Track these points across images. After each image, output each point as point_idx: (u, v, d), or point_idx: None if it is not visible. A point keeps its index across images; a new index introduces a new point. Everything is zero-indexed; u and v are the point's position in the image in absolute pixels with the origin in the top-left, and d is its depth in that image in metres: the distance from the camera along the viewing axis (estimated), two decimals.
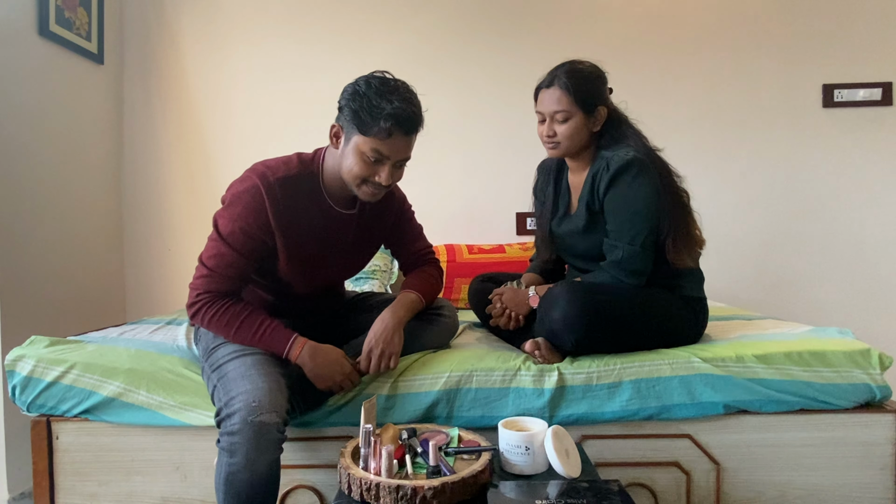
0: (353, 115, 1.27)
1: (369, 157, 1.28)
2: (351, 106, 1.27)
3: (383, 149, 1.27)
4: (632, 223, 1.43)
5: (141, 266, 2.66)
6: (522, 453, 1.10)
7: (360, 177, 1.30)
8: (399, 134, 1.27)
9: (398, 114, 1.24)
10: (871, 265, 2.54)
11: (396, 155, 1.29)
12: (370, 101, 1.25)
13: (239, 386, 1.17)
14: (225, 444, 1.13)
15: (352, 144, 1.29)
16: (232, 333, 1.29)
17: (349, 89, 1.30)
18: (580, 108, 1.48)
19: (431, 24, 2.63)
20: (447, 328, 1.56)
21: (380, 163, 1.29)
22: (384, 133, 1.25)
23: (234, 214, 1.30)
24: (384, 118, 1.24)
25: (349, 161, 1.30)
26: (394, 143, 1.27)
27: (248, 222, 1.30)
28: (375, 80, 1.28)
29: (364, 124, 1.25)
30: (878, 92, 2.51)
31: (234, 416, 1.12)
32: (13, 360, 1.39)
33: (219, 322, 1.30)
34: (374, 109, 1.24)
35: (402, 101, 1.25)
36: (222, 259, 1.31)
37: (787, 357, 1.37)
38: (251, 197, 1.30)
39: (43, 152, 2.12)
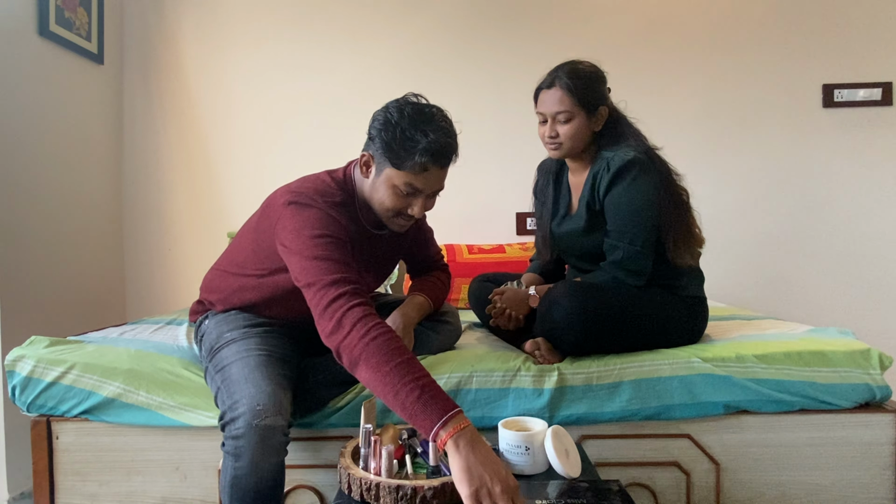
0: (385, 147, 1.20)
1: (402, 190, 1.23)
2: (383, 137, 1.20)
3: (417, 183, 1.22)
4: (632, 223, 1.43)
5: (141, 266, 2.66)
6: (522, 453, 1.10)
7: (393, 210, 1.26)
8: (434, 168, 1.22)
9: (434, 148, 1.18)
10: (871, 265, 2.54)
11: (430, 188, 1.25)
12: (404, 133, 1.18)
13: (243, 389, 1.16)
14: (230, 447, 1.12)
15: (384, 177, 1.24)
16: (391, 367, 1.02)
17: (381, 117, 1.23)
18: (582, 108, 1.48)
19: (431, 24, 2.63)
20: (451, 334, 1.57)
21: (413, 195, 1.25)
22: (419, 168, 1.19)
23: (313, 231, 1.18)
24: (419, 153, 1.18)
25: (381, 193, 1.26)
26: (428, 177, 1.22)
27: (333, 228, 1.20)
28: (409, 107, 1.22)
29: (398, 157, 1.20)
30: (878, 92, 2.51)
31: (239, 420, 1.11)
32: (13, 361, 1.38)
33: (387, 345, 1.04)
34: (408, 143, 1.18)
35: (438, 133, 1.19)
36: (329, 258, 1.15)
37: (787, 357, 1.37)
38: (320, 215, 1.22)
39: (43, 152, 2.12)
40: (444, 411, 0.98)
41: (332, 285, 1.12)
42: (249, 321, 1.37)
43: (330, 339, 1.10)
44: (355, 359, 1.06)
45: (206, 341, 1.37)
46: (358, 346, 1.05)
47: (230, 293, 1.42)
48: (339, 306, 1.09)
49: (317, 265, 1.15)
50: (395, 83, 2.62)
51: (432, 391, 1.00)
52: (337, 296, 1.10)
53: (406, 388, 1.00)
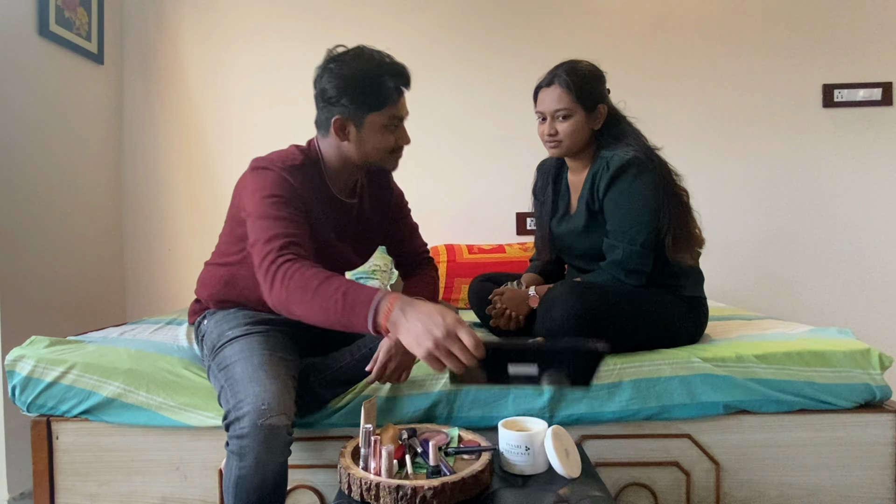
0: (358, 97, 1.27)
1: (390, 126, 1.31)
2: (351, 92, 1.27)
3: (398, 112, 1.32)
4: (631, 223, 1.43)
5: (141, 266, 2.66)
6: (522, 453, 1.10)
7: (389, 148, 1.34)
8: (404, 90, 1.32)
9: (396, 71, 1.29)
10: (871, 265, 2.54)
11: (406, 112, 1.35)
12: (367, 75, 1.26)
13: (247, 388, 1.15)
14: (234, 447, 1.12)
15: (367, 125, 1.30)
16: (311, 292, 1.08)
17: (332, 82, 1.28)
18: (581, 105, 1.48)
19: (431, 23, 2.63)
20: None
21: (398, 127, 1.34)
22: (396, 94, 1.29)
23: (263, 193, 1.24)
24: (389, 80, 1.27)
25: (371, 142, 1.32)
26: (402, 102, 1.33)
27: (283, 189, 1.26)
28: (347, 58, 1.29)
29: (375, 99, 1.27)
30: (878, 92, 2.51)
31: (244, 420, 1.11)
32: (13, 361, 1.38)
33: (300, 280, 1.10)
34: (375, 82, 1.27)
35: (390, 63, 1.29)
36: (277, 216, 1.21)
37: (787, 357, 1.37)
38: (274, 176, 1.28)
39: (43, 152, 2.12)
40: (366, 304, 1.03)
41: (266, 243, 1.17)
42: (249, 319, 1.37)
43: (267, 297, 1.15)
44: (287, 305, 1.12)
45: (208, 340, 1.37)
46: (282, 293, 1.11)
47: (220, 286, 1.43)
48: (268, 262, 1.15)
49: (261, 224, 1.21)
50: None
51: (352, 295, 1.05)
52: (268, 252, 1.16)
53: (331, 304, 1.06)
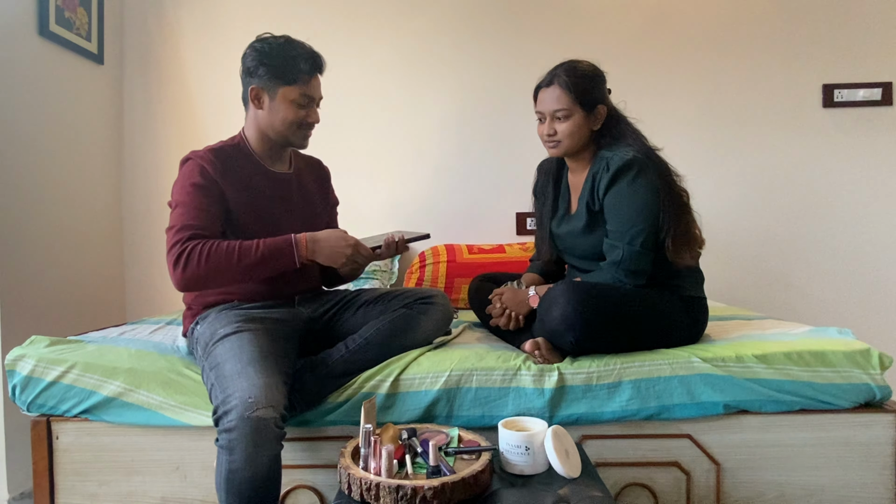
0: (272, 71, 1.43)
1: (300, 101, 1.45)
2: (266, 64, 1.42)
3: (309, 90, 1.46)
4: (632, 223, 1.43)
5: (141, 266, 2.66)
6: (522, 453, 1.10)
7: (295, 122, 1.47)
8: (316, 73, 1.47)
9: (311, 56, 1.45)
10: (871, 265, 2.54)
11: (318, 93, 1.50)
12: (282, 52, 1.43)
13: (235, 383, 1.17)
14: (223, 441, 1.12)
15: (279, 97, 1.45)
16: (235, 260, 1.31)
17: (253, 55, 1.44)
18: (580, 106, 1.49)
19: (431, 23, 2.63)
20: (441, 316, 1.53)
21: (308, 105, 1.47)
22: (307, 75, 1.44)
23: (183, 182, 1.40)
24: (303, 61, 1.43)
25: (281, 113, 1.46)
26: (314, 84, 1.48)
27: (196, 178, 1.39)
28: (269, 39, 1.45)
29: (287, 74, 1.43)
30: (878, 92, 2.50)
31: (231, 413, 1.12)
32: (13, 360, 1.39)
33: (217, 256, 1.30)
34: (289, 61, 1.42)
35: (304, 47, 1.45)
36: (189, 207, 1.36)
37: (787, 357, 1.37)
38: (190, 165, 1.42)
39: (43, 152, 2.12)
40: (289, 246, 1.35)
41: (179, 231, 1.32)
42: (241, 317, 1.38)
43: (173, 277, 1.31)
44: (203, 277, 1.30)
45: (201, 341, 1.38)
46: (200, 269, 1.29)
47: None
48: (176, 248, 1.30)
49: (177, 212, 1.36)
50: (395, 83, 2.62)
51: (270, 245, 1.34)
52: (177, 241, 1.31)
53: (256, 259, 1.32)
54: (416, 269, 2.40)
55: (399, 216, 2.64)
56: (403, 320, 1.46)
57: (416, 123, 2.64)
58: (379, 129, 2.63)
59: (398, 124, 2.63)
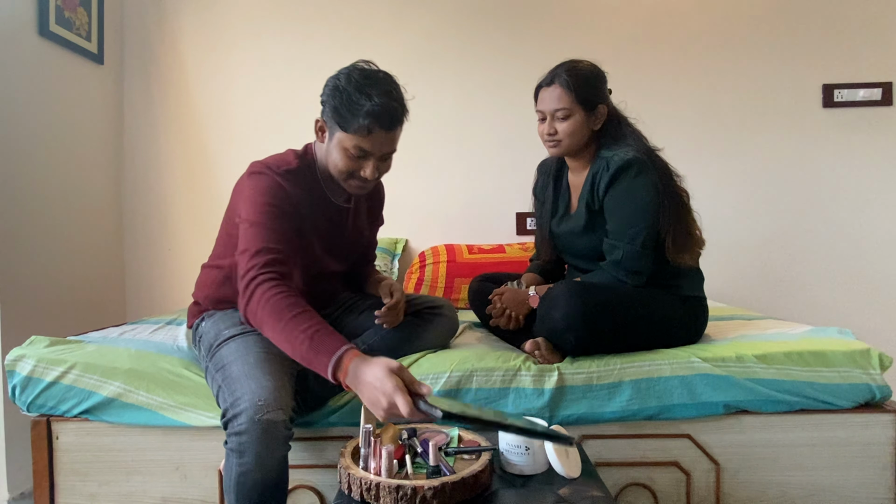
0: (333, 111, 1.28)
1: (352, 153, 1.29)
2: (331, 102, 1.28)
3: (365, 145, 1.28)
4: (632, 223, 1.43)
5: (141, 266, 2.66)
6: (522, 453, 1.10)
7: (346, 172, 1.32)
8: (380, 130, 1.26)
9: (377, 111, 1.24)
10: (871, 265, 2.54)
11: (379, 150, 1.30)
12: (349, 97, 1.25)
13: (244, 385, 1.16)
14: (233, 444, 1.12)
15: (335, 140, 1.31)
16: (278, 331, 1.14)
17: (330, 83, 1.30)
18: (581, 105, 1.49)
19: (432, 23, 2.63)
20: (447, 327, 1.56)
21: (364, 158, 1.30)
22: (364, 130, 1.25)
23: (256, 199, 1.27)
24: (363, 115, 1.24)
25: (334, 156, 1.32)
26: (375, 140, 1.28)
27: (277, 198, 1.29)
28: (356, 72, 1.28)
29: (344, 121, 1.26)
30: (878, 92, 2.50)
31: (241, 416, 1.11)
32: (13, 360, 1.39)
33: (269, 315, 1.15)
34: (353, 106, 1.24)
35: (382, 96, 1.24)
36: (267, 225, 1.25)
37: (787, 357, 1.37)
38: (268, 182, 1.31)
39: (43, 152, 2.12)
40: (331, 353, 1.08)
41: (253, 256, 1.21)
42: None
43: (240, 307, 1.20)
44: (259, 322, 1.17)
45: (205, 341, 1.37)
46: (258, 311, 1.16)
47: (215, 288, 1.45)
48: (251, 275, 1.19)
49: (250, 232, 1.24)
50: None
51: (320, 338, 1.11)
52: (253, 265, 1.20)
53: (298, 341, 1.11)
54: (416, 269, 2.40)
55: (399, 216, 2.64)
56: (409, 329, 1.46)
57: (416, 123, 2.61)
58: None
59: None
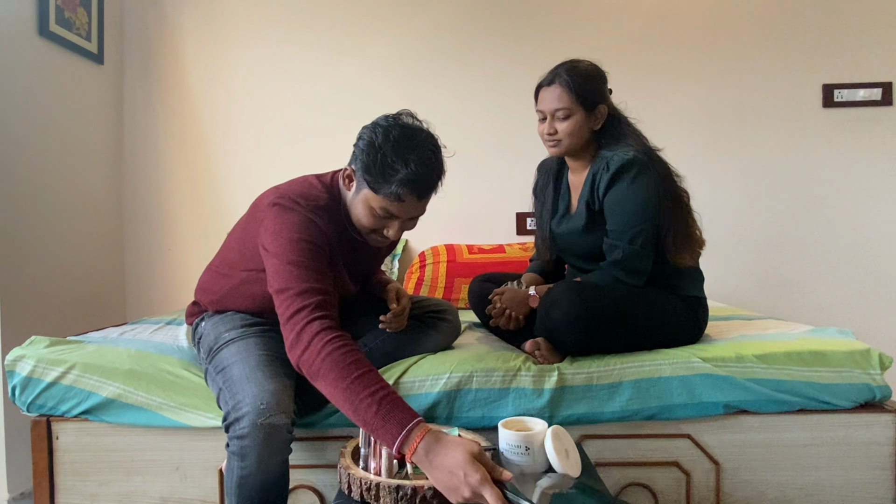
0: (365, 168, 1.19)
1: (378, 213, 1.22)
2: (364, 159, 1.19)
3: (393, 209, 1.21)
4: (631, 223, 1.43)
5: (141, 266, 2.66)
6: (522, 453, 1.10)
7: (369, 228, 1.27)
8: (412, 199, 1.19)
9: (412, 179, 1.16)
10: (871, 265, 2.54)
11: (407, 215, 1.24)
12: (385, 158, 1.16)
13: (245, 388, 1.16)
14: (235, 448, 1.12)
15: (362, 195, 1.23)
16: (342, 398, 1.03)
17: (366, 137, 1.21)
18: (581, 105, 1.48)
19: (431, 24, 2.63)
20: (450, 331, 1.56)
21: (389, 219, 1.24)
22: (394, 197, 1.18)
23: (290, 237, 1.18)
24: (397, 183, 1.16)
25: (358, 210, 1.25)
26: (405, 206, 1.21)
27: (312, 234, 1.20)
28: (396, 130, 1.19)
29: (375, 182, 1.18)
30: (878, 92, 2.50)
31: (243, 420, 1.11)
32: (13, 361, 1.38)
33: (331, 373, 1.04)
34: (387, 169, 1.16)
35: (420, 165, 1.16)
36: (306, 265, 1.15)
37: (787, 357, 1.37)
38: (301, 219, 1.22)
39: (43, 152, 2.12)
40: (401, 426, 0.98)
41: (298, 295, 1.12)
42: (246, 321, 1.37)
43: (291, 352, 1.10)
44: (314, 374, 1.07)
45: (205, 342, 1.37)
46: (316, 362, 1.06)
47: (222, 295, 1.43)
48: (302, 318, 1.09)
49: (289, 270, 1.15)
50: (395, 83, 2.62)
51: (388, 405, 1.00)
52: (301, 307, 1.10)
53: (364, 405, 1.00)
54: (416, 268, 2.40)
55: None
56: (412, 332, 1.45)
57: None
58: None
59: None
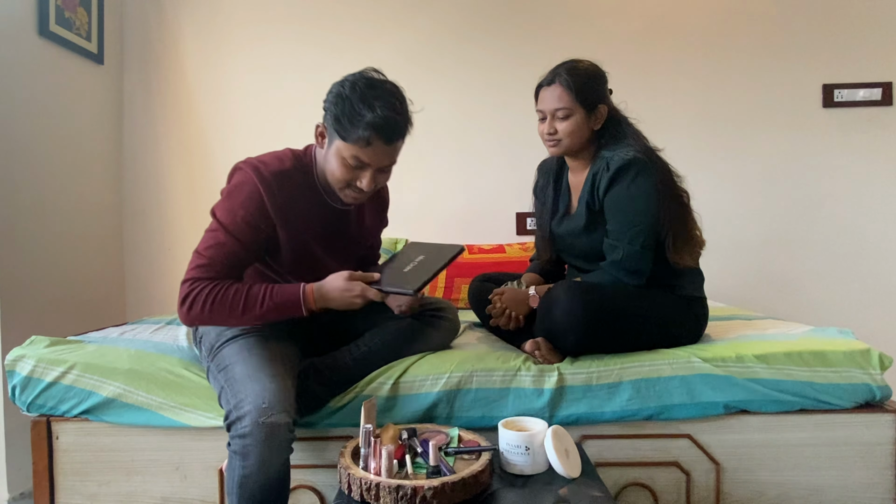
0: (334, 119, 1.25)
1: (350, 163, 1.27)
2: (333, 110, 1.25)
3: (363, 156, 1.25)
4: (632, 223, 1.43)
5: (141, 266, 2.66)
6: (522, 453, 1.10)
7: (342, 181, 1.30)
8: (380, 143, 1.24)
9: (379, 123, 1.21)
10: (871, 265, 2.54)
11: (378, 162, 1.28)
12: (352, 106, 1.22)
13: (247, 387, 1.16)
14: (237, 447, 1.12)
15: (334, 148, 1.28)
16: (240, 311, 1.22)
17: (334, 90, 1.28)
18: (581, 105, 1.48)
19: (432, 24, 2.63)
20: (449, 330, 1.56)
21: (361, 169, 1.28)
22: (363, 142, 1.23)
23: (233, 205, 1.27)
24: (364, 126, 1.21)
25: (331, 164, 1.30)
26: (374, 152, 1.25)
27: (250, 211, 1.27)
28: (362, 81, 1.26)
29: (344, 130, 1.24)
30: (878, 92, 2.51)
31: (245, 419, 1.11)
32: (13, 360, 1.39)
33: (221, 304, 1.22)
34: (354, 116, 1.22)
35: (385, 109, 1.22)
36: (222, 248, 1.26)
37: (787, 357, 1.37)
38: (250, 189, 1.28)
39: (43, 152, 2.12)
40: (296, 300, 1.25)
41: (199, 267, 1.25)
42: None
43: (179, 313, 1.24)
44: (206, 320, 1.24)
45: (206, 341, 1.37)
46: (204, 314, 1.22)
47: None
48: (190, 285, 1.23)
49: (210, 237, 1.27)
50: None
51: (278, 297, 1.25)
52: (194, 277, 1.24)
53: (264, 311, 1.24)
54: None
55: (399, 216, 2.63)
56: (411, 331, 1.46)
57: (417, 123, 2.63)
58: None
59: None
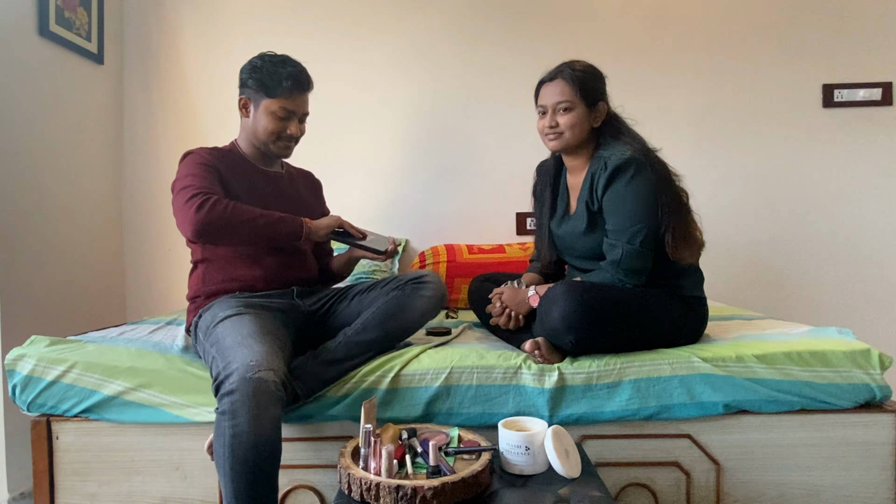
0: (258, 84, 1.55)
1: (279, 114, 1.55)
2: (254, 77, 1.55)
3: (290, 105, 1.56)
4: (630, 223, 1.43)
5: (141, 266, 2.66)
6: (522, 453, 1.10)
7: (275, 132, 1.57)
8: (298, 91, 1.56)
9: (295, 74, 1.55)
10: (871, 265, 2.54)
11: (300, 109, 1.59)
12: (270, 69, 1.54)
13: (236, 352, 1.20)
14: (225, 405, 1.10)
15: (262, 108, 1.56)
16: (256, 215, 1.42)
17: (247, 67, 1.58)
18: (582, 99, 1.50)
19: (432, 24, 2.63)
20: (435, 295, 1.53)
21: (288, 118, 1.57)
22: (287, 92, 1.54)
23: (187, 164, 1.51)
24: (285, 78, 1.53)
25: (262, 123, 1.57)
26: (296, 100, 1.57)
27: (201, 163, 1.50)
28: (267, 55, 1.58)
29: (270, 88, 1.54)
30: (878, 92, 2.50)
31: (233, 376, 1.13)
32: (13, 360, 1.39)
33: (239, 210, 1.40)
34: (274, 75, 1.54)
35: (294, 66, 1.56)
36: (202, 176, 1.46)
37: (787, 357, 1.37)
38: (194, 156, 1.54)
39: (43, 152, 2.12)
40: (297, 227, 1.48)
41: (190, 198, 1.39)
42: (242, 303, 1.41)
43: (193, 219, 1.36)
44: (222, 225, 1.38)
45: (202, 327, 1.40)
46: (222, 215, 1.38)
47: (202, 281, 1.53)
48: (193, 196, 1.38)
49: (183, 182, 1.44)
50: (395, 83, 2.62)
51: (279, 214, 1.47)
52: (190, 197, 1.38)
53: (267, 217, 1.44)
54: (416, 268, 2.40)
55: (399, 216, 2.64)
56: (397, 301, 1.49)
57: (417, 123, 2.64)
58: (379, 129, 2.63)
59: (398, 124, 2.63)
